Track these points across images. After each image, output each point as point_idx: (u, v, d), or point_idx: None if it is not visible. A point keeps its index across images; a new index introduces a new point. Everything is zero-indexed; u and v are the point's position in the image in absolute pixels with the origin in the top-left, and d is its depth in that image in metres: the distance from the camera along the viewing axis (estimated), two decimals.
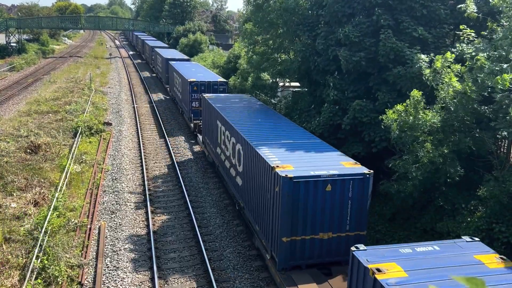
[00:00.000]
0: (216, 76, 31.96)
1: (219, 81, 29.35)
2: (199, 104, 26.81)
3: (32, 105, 34.02)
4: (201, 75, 31.38)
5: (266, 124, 18.16)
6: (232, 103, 22.22)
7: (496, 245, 12.44)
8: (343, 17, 19.78)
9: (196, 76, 30.72)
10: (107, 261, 14.54)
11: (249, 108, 21.55)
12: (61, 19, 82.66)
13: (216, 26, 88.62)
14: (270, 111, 21.26)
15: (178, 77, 33.85)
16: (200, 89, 28.47)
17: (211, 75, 32.27)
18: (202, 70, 35.21)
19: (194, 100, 28.52)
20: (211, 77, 30.67)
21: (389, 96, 17.54)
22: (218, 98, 23.38)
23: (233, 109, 20.67)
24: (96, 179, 21.13)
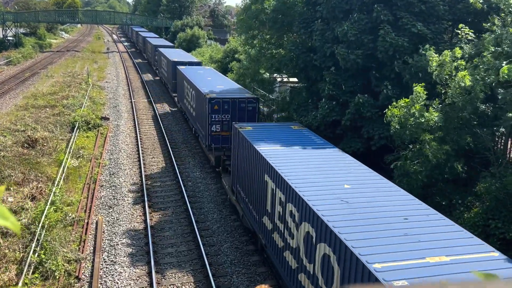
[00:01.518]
0: (241, 89, 24.74)
1: (248, 97, 21.92)
2: (221, 127, 21.60)
3: (29, 99, 33.91)
4: (221, 87, 24.42)
5: (356, 192, 10.63)
6: (281, 142, 14.75)
7: (492, 241, 12.50)
8: (340, 13, 19.73)
9: (215, 88, 23.90)
10: (104, 256, 14.55)
11: (311, 153, 13.84)
12: (58, 13, 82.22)
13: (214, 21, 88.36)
14: (349, 159, 13.55)
15: (190, 88, 26.77)
16: (223, 108, 21.47)
17: (234, 88, 25.03)
18: (221, 79, 28.01)
19: (215, 123, 21.62)
20: (236, 91, 23.53)
21: (393, 92, 17.47)
22: (258, 131, 16.16)
23: (289, 157, 13.31)
24: (94, 174, 21.11)
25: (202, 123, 23.02)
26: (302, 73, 23.42)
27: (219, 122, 21.69)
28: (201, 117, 23.51)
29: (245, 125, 17.12)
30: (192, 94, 26.41)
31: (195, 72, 29.79)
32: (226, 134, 21.00)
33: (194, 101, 25.85)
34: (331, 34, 19.71)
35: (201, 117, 23.50)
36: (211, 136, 21.73)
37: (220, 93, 22.42)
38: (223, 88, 24.42)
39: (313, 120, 19.62)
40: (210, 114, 21.51)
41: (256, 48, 26.18)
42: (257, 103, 21.91)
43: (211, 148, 21.84)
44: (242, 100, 21.68)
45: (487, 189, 12.82)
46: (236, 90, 24.39)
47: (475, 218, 13.15)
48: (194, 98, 25.74)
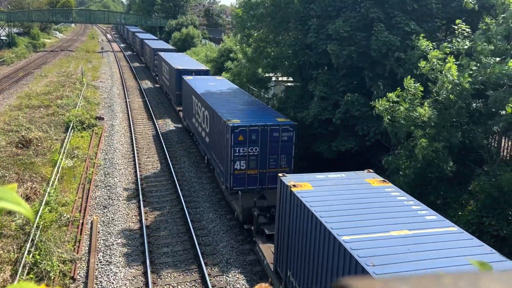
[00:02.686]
0: (270, 111, 19.45)
1: (282, 124, 16.93)
2: (247, 164, 16.79)
3: (23, 99, 33.72)
4: (244, 108, 19.75)
5: None
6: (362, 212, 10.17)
7: (486, 238, 12.58)
8: (333, 11, 19.80)
9: (235, 109, 19.14)
10: (99, 256, 14.51)
11: None
12: (52, 13, 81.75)
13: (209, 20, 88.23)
14: None
15: (201, 107, 21.74)
16: (250, 138, 16.62)
17: (260, 108, 19.76)
18: (240, 95, 22.76)
19: (239, 158, 16.74)
20: (265, 115, 18.27)
21: (386, 91, 17.57)
22: (323, 190, 10.71)
23: None
24: (88, 174, 21.04)
25: (221, 157, 18.01)
26: (297, 71, 23.47)
27: (245, 157, 16.66)
28: (219, 148, 18.39)
29: (299, 179, 11.35)
30: (204, 115, 21.25)
31: (205, 84, 24.97)
32: (254, 172, 16.87)
33: (207, 123, 20.70)
34: (325, 32, 19.77)
35: (219, 148, 18.38)
36: (233, 175, 16.78)
37: (245, 118, 17.61)
38: (246, 109, 19.61)
39: (306, 116, 19.71)
40: (233, 146, 16.53)
41: (253, 46, 26.04)
42: (294, 131, 16.85)
43: (234, 192, 16.79)
44: (275, 127, 16.71)
45: (481, 187, 12.90)
46: (265, 113, 18.88)
47: (469, 216, 13.22)
48: (207, 120, 20.59)
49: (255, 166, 16.88)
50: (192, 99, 24.48)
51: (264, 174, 16.97)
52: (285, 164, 16.99)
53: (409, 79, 14.34)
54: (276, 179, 12.02)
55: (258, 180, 16.87)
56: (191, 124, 25.72)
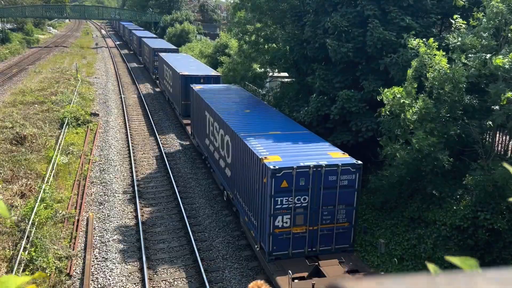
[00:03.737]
0: (317, 139, 14.92)
1: (342, 162, 12.70)
2: (292, 220, 12.55)
3: (17, 95, 33.51)
4: (284, 137, 14.96)
5: None
6: None
7: (480, 233, 12.67)
8: (329, 6, 19.77)
9: (273, 139, 14.70)
10: (95, 252, 14.50)
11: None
12: (46, 8, 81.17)
13: (203, 15, 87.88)
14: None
15: (220, 129, 17.55)
16: (297, 184, 12.30)
17: (306, 138, 14.98)
18: (272, 114, 18.60)
19: (281, 212, 12.41)
20: (315, 148, 13.91)
21: (375, 85, 17.65)
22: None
23: None
24: (84, 170, 20.97)
25: (254, 206, 13.58)
26: (294, 67, 23.43)
27: (290, 210, 12.42)
28: (249, 192, 13.94)
29: None
30: (223, 140, 17.00)
31: (220, 96, 21.36)
32: (301, 230, 12.69)
33: (227, 151, 16.45)
34: (321, 27, 19.74)
35: (249, 191, 13.93)
36: (273, 235, 12.47)
37: (287, 152, 13.25)
38: (284, 137, 14.95)
39: (305, 116, 19.68)
40: (274, 196, 12.17)
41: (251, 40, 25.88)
42: (358, 172, 12.58)
43: (274, 259, 12.65)
44: (332, 168, 12.44)
45: (476, 182, 12.97)
46: (311, 142, 14.42)
47: (464, 210, 13.30)
48: (228, 147, 16.31)
49: (303, 222, 12.61)
50: (205, 115, 20.15)
51: (315, 232, 12.72)
52: (344, 218, 12.83)
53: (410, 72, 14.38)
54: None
55: (307, 241, 12.77)
56: (203, 145, 21.34)
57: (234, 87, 24.67)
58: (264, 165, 12.33)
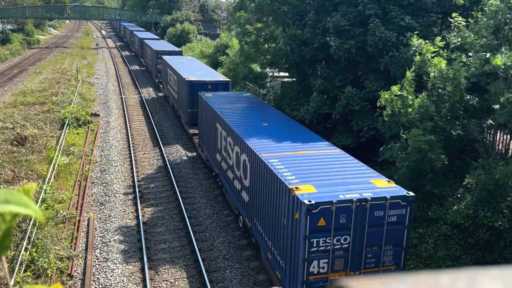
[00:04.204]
0: (355, 163, 12.50)
1: (390, 193, 10.54)
2: (330, 264, 10.43)
3: (18, 96, 33.53)
4: (315, 161, 12.52)
5: None
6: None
7: (481, 232, 12.67)
8: (330, 6, 19.78)
9: (302, 162, 12.37)
10: (97, 253, 14.51)
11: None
12: (46, 9, 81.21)
13: (204, 15, 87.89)
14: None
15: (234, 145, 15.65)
16: (336, 222, 10.23)
17: (342, 162, 12.61)
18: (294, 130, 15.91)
19: (317, 256, 10.30)
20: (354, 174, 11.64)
21: (377, 85, 17.66)
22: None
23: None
24: (85, 171, 20.98)
25: (281, 245, 11.31)
26: (294, 67, 23.44)
27: (327, 252, 10.30)
28: (274, 227, 11.71)
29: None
30: (239, 159, 14.93)
31: (233, 106, 19.38)
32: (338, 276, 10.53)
33: (244, 172, 14.35)
34: (322, 26, 19.74)
35: (274, 225, 11.72)
36: (307, 284, 10.34)
37: (322, 181, 10.99)
38: (315, 161, 12.45)
39: (305, 114, 19.68)
40: (309, 236, 10.03)
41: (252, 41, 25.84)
42: (409, 206, 10.46)
43: None
44: (379, 202, 10.27)
45: (476, 181, 12.96)
46: (353, 169, 11.91)
47: (465, 209, 13.29)
48: (245, 168, 14.20)
49: (343, 267, 10.46)
50: (216, 128, 18.35)
51: None
52: (391, 260, 10.72)
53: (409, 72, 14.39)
54: None
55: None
56: (213, 160, 19.38)
57: (246, 95, 22.49)
58: (296, 197, 10.07)
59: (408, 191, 10.63)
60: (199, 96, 21.83)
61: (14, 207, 0.81)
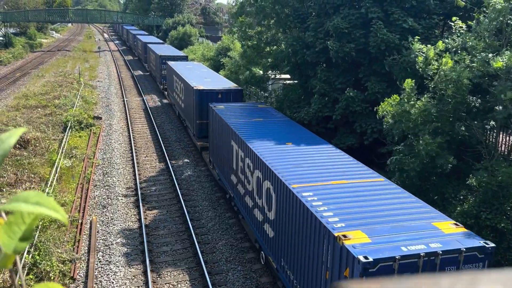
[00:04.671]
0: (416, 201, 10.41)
1: (463, 243, 8.50)
2: None
3: (20, 99, 33.64)
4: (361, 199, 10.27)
5: None
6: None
7: (485, 233, 12.62)
8: (331, 8, 19.80)
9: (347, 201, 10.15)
10: (99, 256, 14.51)
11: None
12: (49, 12, 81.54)
13: (205, 18, 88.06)
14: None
15: (263, 177, 13.00)
16: None
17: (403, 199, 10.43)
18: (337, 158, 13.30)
19: None
20: (423, 225, 9.10)
21: (379, 86, 17.66)
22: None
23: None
24: (87, 174, 21.01)
25: None
26: (297, 69, 23.45)
27: None
28: (313, 275, 9.82)
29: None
30: (260, 184, 13.09)
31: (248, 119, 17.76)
32: None
33: (268, 202, 12.53)
34: (323, 29, 19.76)
35: (313, 274, 9.84)
36: None
37: (373, 224, 9.14)
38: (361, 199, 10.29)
39: (305, 115, 19.68)
40: None
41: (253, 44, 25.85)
42: (487, 259, 8.61)
43: None
44: (451, 256, 8.40)
45: (479, 182, 12.92)
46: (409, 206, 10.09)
47: (468, 211, 13.25)
48: (269, 196, 12.36)
49: None
50: (231, 145, 16.41)
51: None
52: None
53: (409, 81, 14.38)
54: None
55: None
56: (227, 181, 17.41)
57: (262, 106, 20.28)
58: (346, 250, 8.20)
59: (486, 241, 8.68)
60: (210, 108, 19.78)
61: (45, 209, 0.86)
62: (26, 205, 0.87)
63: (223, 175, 18.14)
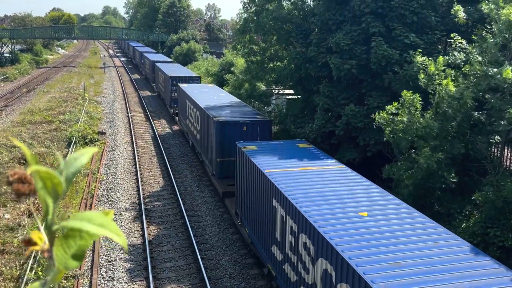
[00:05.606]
0: None
1: None
2: None
3: (25, 115, 33.89)
4: None
5: None
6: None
7: (492, 250, 12.48)
8: (333, 24, 19.98)
9: None
10: (102, 272, 14.43)
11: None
12: (55, 29, 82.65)
13: (209, 34, 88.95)
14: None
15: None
16: None
17: None
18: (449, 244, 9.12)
19: None
20: None
21: (379, 101, 17.72)
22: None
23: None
24: (91, 189, 21.03)
25: None
26: (300, 84, 23.58)
27: None
28: None
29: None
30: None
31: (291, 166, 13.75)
32: None
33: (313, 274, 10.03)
34: (325, 45, 19.91)
35: None
36: None
37: None
38: None
39: (310, 132, 19.69)
40: None
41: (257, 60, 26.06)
42: None
43: None
44: None
45: (485, 198, 12.84)
46: None
47: (474, 227, 13.14)
48: (316, 272, 9.85)
49: None
50: (273, 208, 12.28)
51: None
52: None
53: (407, 92, 14.44)
54: None
55: None
56: (266, 252, 13.38)
57: (304, 146, 15.87)
58: None
59: None
60: (238, 148, 15.85)
61: (108, 232, 0.89)
62: (90, 225, 0.90)
63: (259, 242, 14.00)
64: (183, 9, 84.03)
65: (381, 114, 14.71)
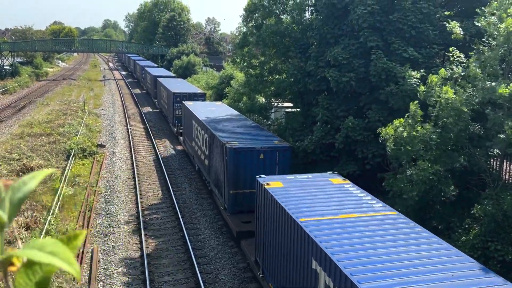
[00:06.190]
0: None
1: None
2: None
3: (25, 127, 33.91)
4: None
5: None
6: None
7: (492, 264, 12.41)
8: (331, 38, 20.15)
9: None
10: (99, 285, 14.30)
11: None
12: (55, 42, 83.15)
13: (209, 48, 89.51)
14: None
15: None
16: None
17: None
18: None
19: None
20: None
21: (380, 114, 17.77)
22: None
23: None
24: (89, 202, 20.95)
25: None
26: (299, 97, 23.69)
27: None
28: None
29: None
30: None
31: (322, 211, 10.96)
32: None
33: None
34: (324, 59, 20.05)
35: None
36: None
37: None
38: None
39: (309, 144, 19.71)
40: None
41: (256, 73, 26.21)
42: None
43: None
44: None
45: (484, 211, 12.81)
46: None
47: (473, 240, 13.08)
48: None
49: None
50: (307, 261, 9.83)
51: None
52: None
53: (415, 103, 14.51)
54: None
55: None
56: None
57: (339, 182, 13.10)
58: None
59: None
60: (260, 186, 12.89)
61: (58, 261, 0.85)
62: (40, 253, 0.85)
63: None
64: (183, 23, 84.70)
65: (387, 129, 14.72)
